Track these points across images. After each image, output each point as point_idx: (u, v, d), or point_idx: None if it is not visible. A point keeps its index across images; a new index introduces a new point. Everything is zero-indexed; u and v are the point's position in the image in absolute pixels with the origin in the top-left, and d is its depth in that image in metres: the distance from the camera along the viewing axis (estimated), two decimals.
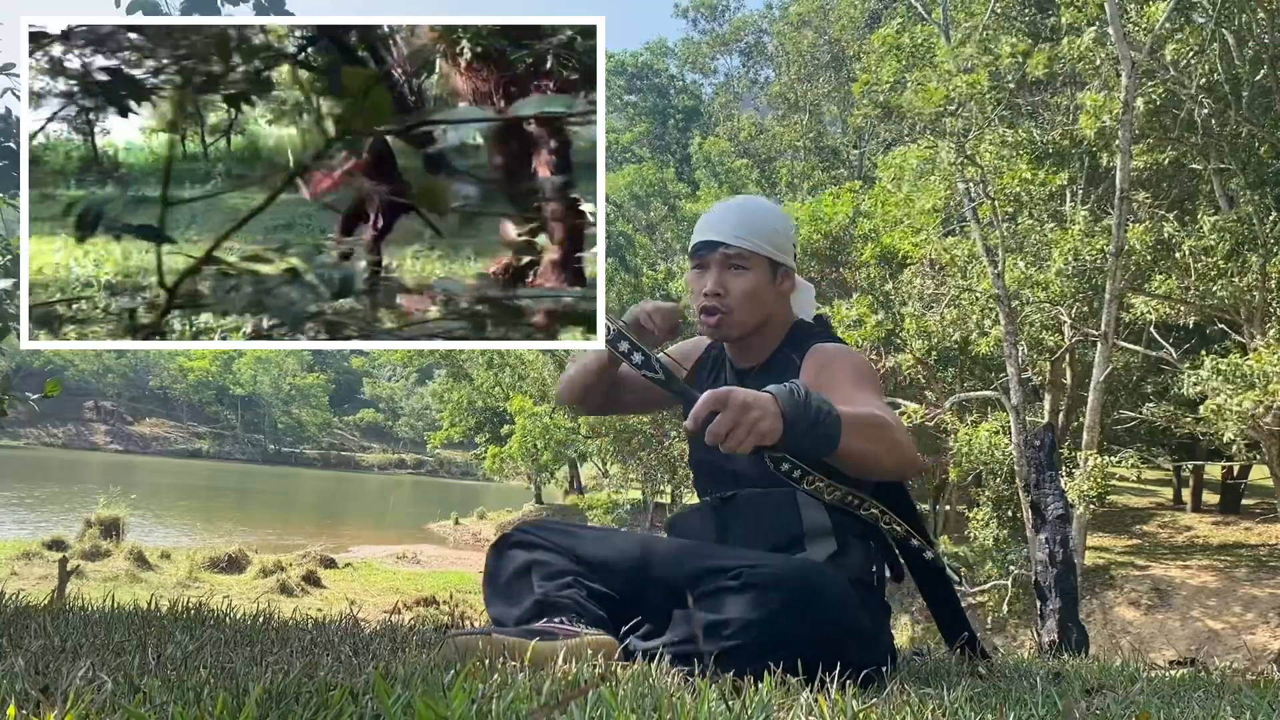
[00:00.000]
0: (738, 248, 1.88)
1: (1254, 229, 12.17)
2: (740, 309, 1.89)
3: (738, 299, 1.88)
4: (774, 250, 1.91)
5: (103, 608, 2.14)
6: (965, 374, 16.96)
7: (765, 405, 1.47)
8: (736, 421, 1.45)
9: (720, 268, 1.89)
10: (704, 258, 1.90)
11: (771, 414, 1.47)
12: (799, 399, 1.51)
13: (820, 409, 1.52)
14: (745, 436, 1.44)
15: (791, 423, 1.48)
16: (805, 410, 1.50)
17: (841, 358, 1.87)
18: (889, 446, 1.64)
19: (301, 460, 69.16)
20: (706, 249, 1.90)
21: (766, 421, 1.46)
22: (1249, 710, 1.38)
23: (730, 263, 1.88)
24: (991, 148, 13.41)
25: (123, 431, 70.25)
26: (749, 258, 1.89)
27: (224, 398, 71.85)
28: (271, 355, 71.21)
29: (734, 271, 1.89)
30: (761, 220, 1.92)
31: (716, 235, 1.90)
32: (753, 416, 1.45)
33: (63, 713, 0.99)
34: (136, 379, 72.67)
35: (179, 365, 71.14)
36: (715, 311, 1.89)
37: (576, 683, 1.22)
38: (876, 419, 1.64)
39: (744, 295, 1.88)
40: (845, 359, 1.87)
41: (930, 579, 2.00)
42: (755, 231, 1.90)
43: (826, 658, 1.42)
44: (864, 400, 1.73)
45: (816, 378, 1.82)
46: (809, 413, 1.50)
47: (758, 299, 1.89)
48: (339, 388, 76.73)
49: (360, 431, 78.28)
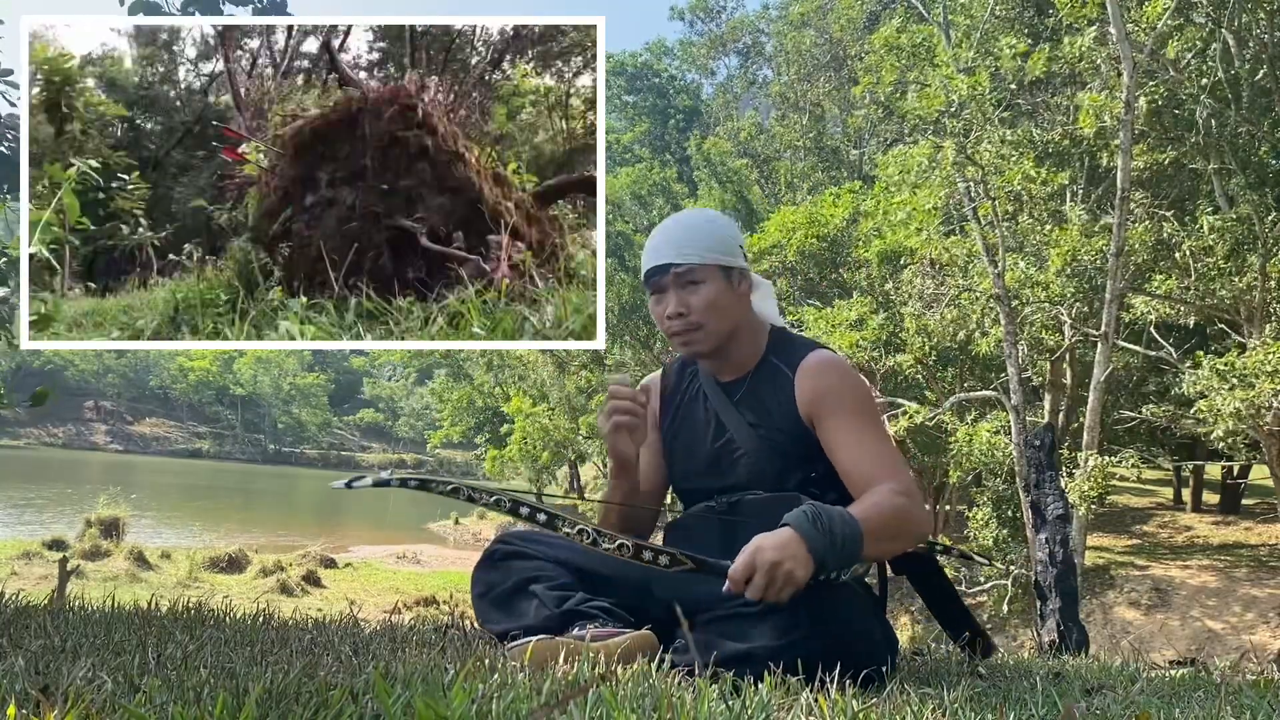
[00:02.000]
0: (687, 264, 1.87)
1: (1254, 229, 12.16)
2: (708, 321, 1.88)
3: (701, 312, 1.87)
4: (722, 256, 1.90)
5: (103, 608, 2.13)
6: (965, 374, 16.95)
7: (794, 553, 1.53)
8: (771, 578, 1.51)
9: (676, 288, 1.88)
10: (658, 281, 1.90)
11: (802, 559, 1.53)
12: (822, 530, 1.57)
13: (843, 532, 1.58)
14: (782, 587, 1.51)
15: (821, 560, 1.55)
16: (831, 540, 1.56)
17: (839, 387, 1.85)
18: (906, 535, 1.74)
19: (301, 460, 69.12)
20: (658, 273, 1.90)
21: (800, 570, 1.53)
22: (1249, 710, 1.38)
23: (685, 280, 1.88)
24: (991, 147, 13.40)
25: (123, 431, 70.24)
26: (700, 270, 1.88)
27: (224, 398, 71.85)
28: (272, 355, 71.22)
29: (690, 288, 1.88)
30: (703, 231, 1.92)
31: (664, 259, 1.89)
32: (785, 570, 1.52)
33: (63, 713, 0.99)
34: (136, 379, 72.66)
35: (179, 365, 71.13)
36: (684, 331, 1.88)
37: (576, 683, 1.22)
38: (893, 513, 1.69)
39: (706, 307, 1.87)
40: (844, 388, 1.85)
41: (928, 579, 2.01)
42: (699, 244, 1.89)
43: (843, 667, 1.44)
44: (866, 439, 1.79)
45: (811, 404, 1.84)
46: (835, 541, 1.57)
47: (720, 307, 1.88)
48: (339, 388, 76.71)
49: (360, 431, 78.26)
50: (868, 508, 1.67)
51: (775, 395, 1.88)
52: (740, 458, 1.88)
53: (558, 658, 1.45)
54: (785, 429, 1.85)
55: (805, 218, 18.30)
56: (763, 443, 1.86)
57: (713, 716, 1.10)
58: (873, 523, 1.62)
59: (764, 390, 1.90)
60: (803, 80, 29.71)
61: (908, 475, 1.79)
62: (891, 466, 1.77)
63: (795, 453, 1.85)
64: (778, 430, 1.86)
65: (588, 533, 1.64)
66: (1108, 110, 12.36)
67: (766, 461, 1.85)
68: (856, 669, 1.45)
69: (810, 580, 1.55)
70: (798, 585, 1.52)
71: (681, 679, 1.34)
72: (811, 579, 1.55)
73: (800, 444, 1.84)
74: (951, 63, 14.15)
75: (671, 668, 1.41)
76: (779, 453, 1.85)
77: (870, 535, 1.60)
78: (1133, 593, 14.78)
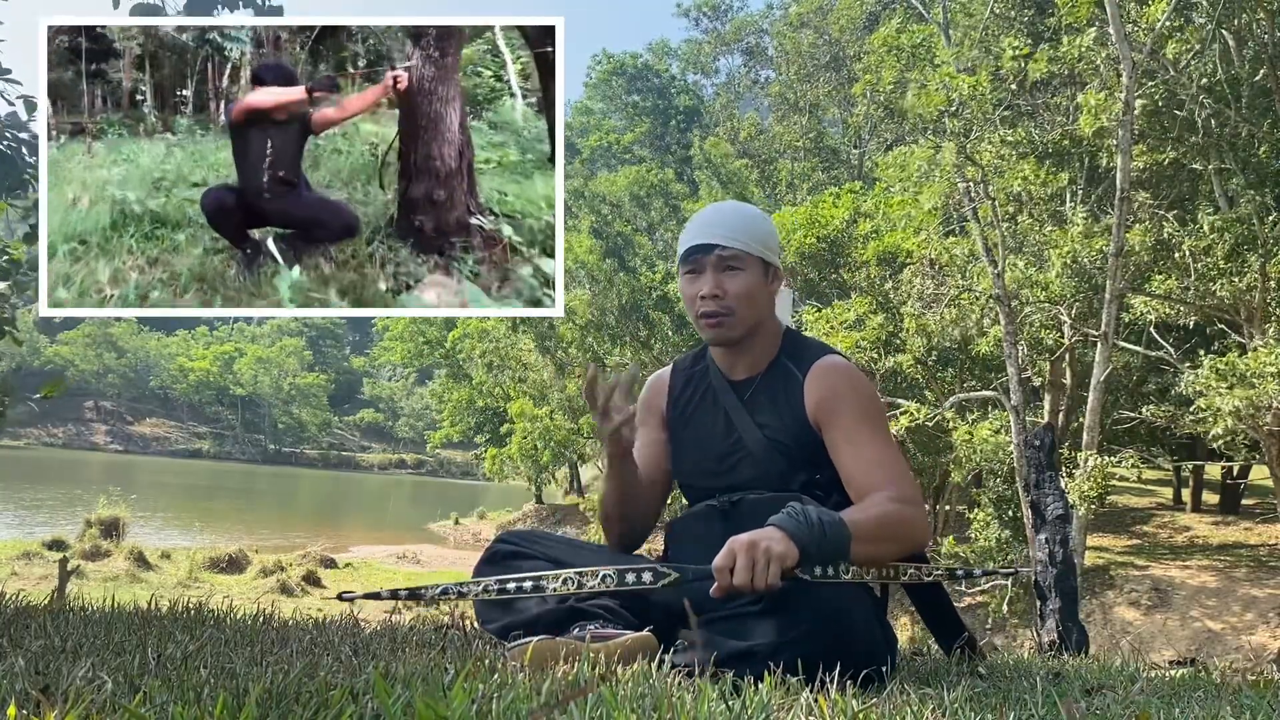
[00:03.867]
0: (733, 249, 1.87)
1: (1254, 229, 12.16)
2: (739, 309, 1.87)
3: (735, 298, 1.87)
4: (765, 250, 1.91)
5: (103, 608, 2.14)
6: (965, 374, 16.95)
7: (771, 534, 1.53)
8: (752, 559, 1.50)
9: (716, 270, 1.87)
10: (699, 260, 1.89)
11: (779, 538, 1.52)
12: (796, 515, 1.57)
13: (821, 519, 1.57)
14: (766, 566, 1.49)
15: (802, 543, 1.53)
16: (808, 523, 1.56)
17: (849, 392, 1.85)
18: (900, 540, 1.72)
19: (301, 460, 69.11)
20: (700, 252, 1.89)
21: (778, 545, 1.51)
22: (1249, 710, 1.38)
23: (726, 264, 1.87)
24: (991, 148, 13.41)
25: (123, 431, 70.23)
26: (744, 258, 1.88)
27: (224, 398, 71.82)
28: (272, 355, 71.26)
29: (730, 273, 1.88)
30: (753, 222, 1.93)
31: (711, 238, 1.89)
32: (764, 547, 1.50)
33: (63, 713, 0.99)
34: (137, 379, 72.66)
35: (179, 365, 71.17)
36: (716, 314, 1.87)
37: (576, 682, 1.22)
38: (886, 517, 1.69)
39: (742, 295, 1.87)
40: (851, 392, 1.86)
41: (922, 589, 1.99)
42: (747, 232, 1.90)
43: (843, 667, 1.44)
44: (870, 446, 1.79)
45: (820, 408, 1.84)
46: (811, 524, 1.56)
47: (753, 299, 1.89)
48: (339, 388, 76.67)
49: (360, 431, 78.23)
50: (858, 509, 1.68)
51: (785, 396, 1.88)
52: (746, 457, 1.87)
53: (558, 658, 1.45)
54: (793, 430, 1.86)
55: (805, 218, 18.29)
56: (770, 443, 1.86)
57: (712, 716, 1.10)
58: (861, 524, 1.62)
59: (774, 391, 1.90)
60: (803, 80, 29.72)
61: (909, 484, 1.79)
62: (893, 474, 1.77)
63: (801, 455, 1.85)
64: (785, 431, 1.86)
65: (571, 580, 1.62)
66: (1107, 110, 12.36)
67: (772, 462, 1.85)
68: (856, 669, 1.45)
69: (805, 573, 1.55)
70: (783, 559, 1.50)
71: (681, 679, 1.34)
72: (803, 570, 1.54)
73: (807, 446, 1.85)
74: (952, 62, 14.15)
75: (671, 668, 1.41)
76: (785, 454, 1.85)
77: (859, 535, 1.60)
78: (1133, 593, 14.78)
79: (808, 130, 29.09)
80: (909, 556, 1.80)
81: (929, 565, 1.85)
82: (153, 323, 70.87)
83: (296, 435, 72.32)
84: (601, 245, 26.32)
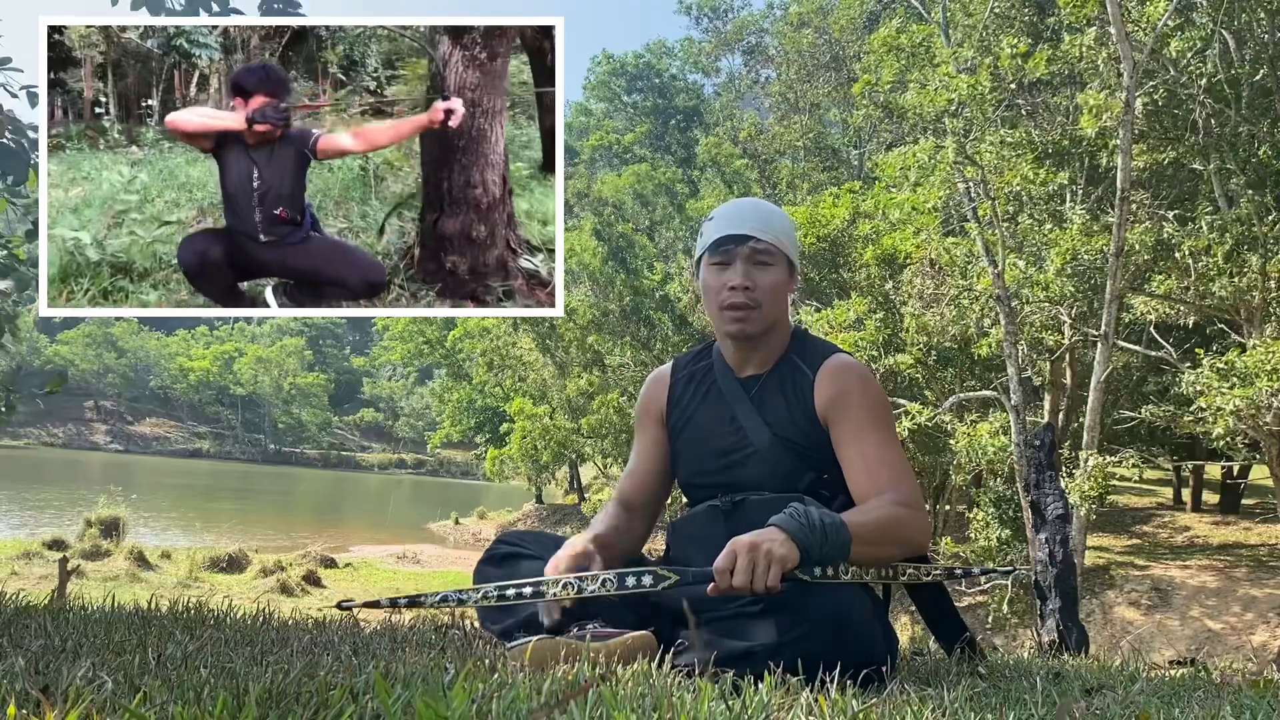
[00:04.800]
0: (766, 242, 1.87)
1: (1254, 229, 12.15)
2: (766, 304, 1.87)
3: (764, 292, 1.86)
4: (792, 249, 1.93)
5: (103, 608, 2.13)
6: (965, 374, 16.94)
7: (771, 536, 1.53)
8: (753, 560, 1.50)
9: (747, 261, 1.86)
10: (730, 251, 1.87)
11: (781, 540, 1.52)
12: (797, 515, 1.57)
13: (822, 520, 1.57)
14: (767, 569, 1.49)
15: (803, 543, 1.54)
16: (809, 524, 1.56)
17: (858, 392, 1.85)
18: (901, 542, 1.72)
19: (302, 460, 69.11)
20: (733, 242, 1.87)
21: (780, 548, 1.51)
22: (1249, 710, 1.38)
23: (758, 257, 1.87)
24: (991, 148, 13.40)
25: (123, 431, 70.22)
26: (775, 254, 1.88)
27: (224, 398, 71.82)
28: (272, 355, 71.26)
29: (761, 267, 1.87)
30: (781, 220, 1.94)
31: (747, 230, 1.87)
32: (765, 549, 1.50)
33: (63, 713, 0.99)
34: (137, 379, 72.66)
35: (179, 365, 71.17)
36: (743, 306, 1.85)
37: (576, 683, 1.22)
38: (887, 519, 1.69)
39: (770, 289, 1.87)
40: (862, 392, 1.86)
41: (919, 585, 1.99)
42: (780, 229, 1.91)
43: (843, 667, 1.44)
44: (876, 447, 1.79)
45: (830, 406, 1.84)
46: (813, 525, 1.56)
47: (778, 295, 1.89)
48: (339, 388, 76.67)
49: (360, 431, 78.23)
50: (859, 511, 1.68)
51: (794, 395, 1.88)
52: (753, 454, 1.86)
53: (558, 658, 1.45)
54: (803, 428, 1.85)
55: (805, 218, 18.29)
56: (776, 442, 1.85)
57: (712, 716, 1.10)
58: (862, 526, 1.62)
59: (784, 388, 1.89)
60: (803, 80, 29.71)
61: (912, 487, 1.78)
62: (896, 476, 1.77)
63: (807, 454, 1.84)
64: (794, 428, 1.85)
65: (571, 584, 1.60)
66: (1108, 110, 12.35)
67: (779, 460, 1.84)
68: (856, 669, 1.45)
69: (805, 573, 1.55)
70: (784, 561, 1.50)
71: (681, 679, 1.34)
72: (804, 570, 1.54)
73: (813, 445, 1.84)
74: (951, 62, 14.14)
75: (671, 668, 1.41)
76: (791, 453, 1.84)
77: (860, 537, 1.60)
78: (1133, 593, 14.78)
79: (808, 130, 29.07)
80: (910, 558, 1.80)
81: (929, 565, 1.84)
82: (153, 322, 70.83)
83: (296, 435, 72.32)
84: (604, 248, 26.33)
